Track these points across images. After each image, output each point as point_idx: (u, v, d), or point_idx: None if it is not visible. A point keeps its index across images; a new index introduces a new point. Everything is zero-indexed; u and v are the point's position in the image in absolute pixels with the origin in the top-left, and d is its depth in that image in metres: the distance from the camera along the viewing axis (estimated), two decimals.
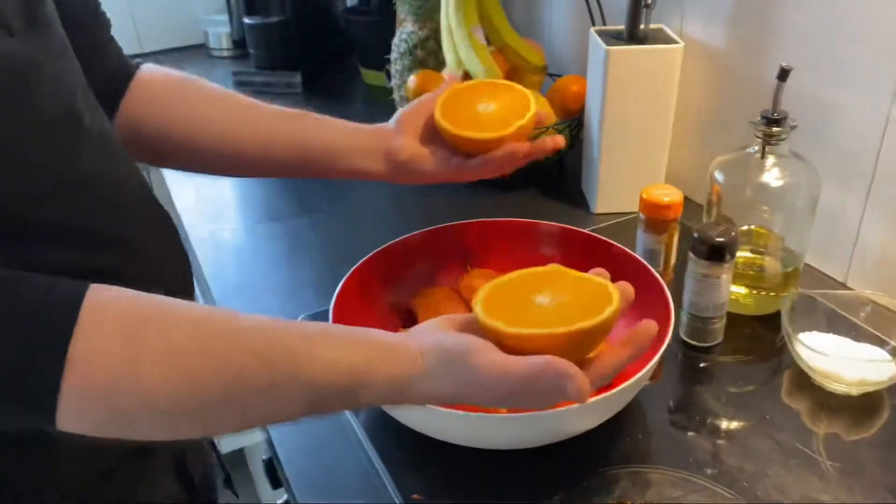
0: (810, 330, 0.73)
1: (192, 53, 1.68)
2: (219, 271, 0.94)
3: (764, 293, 0.80)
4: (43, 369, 0.40)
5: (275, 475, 0.74)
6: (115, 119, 0.68)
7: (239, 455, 1.75)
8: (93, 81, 0.57)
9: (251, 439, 1.65)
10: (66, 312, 0.41)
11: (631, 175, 0.98)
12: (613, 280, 0.76)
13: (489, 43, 1.11)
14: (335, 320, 0.67)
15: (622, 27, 0.95)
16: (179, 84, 0.73)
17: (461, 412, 0.58)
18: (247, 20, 1.46)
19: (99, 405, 0.42)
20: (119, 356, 0.41)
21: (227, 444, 1.72)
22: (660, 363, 0.73)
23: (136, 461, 0.60)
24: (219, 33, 1.65)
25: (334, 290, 0.71)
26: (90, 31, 0.66)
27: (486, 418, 0.58)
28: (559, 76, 1.18)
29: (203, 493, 0.72)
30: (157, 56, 1.69)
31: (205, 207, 1.08)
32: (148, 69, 0.73)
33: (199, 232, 1.02)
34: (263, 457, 0.77)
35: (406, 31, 1.21)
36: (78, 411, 0.41)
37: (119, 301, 0.43)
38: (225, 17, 1.64)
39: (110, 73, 0.69)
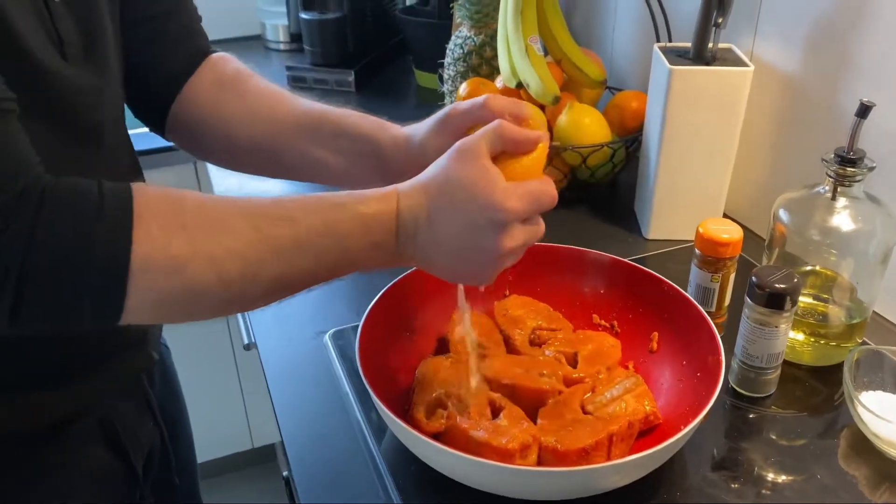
0: (875, 389, 0.68)
1: (248, 45, 1.67)
2: None
3: (824, 343, 0.74)
4: (113, 248, 0.45)
5: (293, 494, 0.72)
6: (179, 98, 0.71)
7: (269, 450, 1.75)
8: (175, 52, 0.69)
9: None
10: (121, 200, 0.46)
11: (688, 202, 0.93)
12: (663, 319, 0.72)
13: (547, 54, 1.07)
14: (363, 342, 0.64)
15: (689, 45, 0.90)
16: (232, 79, 0.73)
17: (493, 463, 0.54)
18: (303, 15, 1.44)
19: (166, 277, 0.47)
20: (173, 230, 0.47)
21: (258, 439, 1.72)
22: (706, 413, 0.68)
23: (48, 429, 0.63)
24: (276, 26, 1.64)
25: (367, 305, 0.68)
26: (182, 11, 0.71)
27: (521, 471, 0.55)
28: (619, 90, 1.13)
29: (154, 473, 0.75)
30: (213, 45, 1.69)
31: None
32: (218, 57, 0.74)
33: None
34: (283, 473, 0.75)
35: (462, 35, 1.17)
36: (147, 287, 0.46)
37: (156, 190, 0.49)
38: (283, 10, 1.62)
39: (190, 54, 0.72)
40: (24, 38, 0.49)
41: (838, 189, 0.69)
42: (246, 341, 0.99)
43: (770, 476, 0.64)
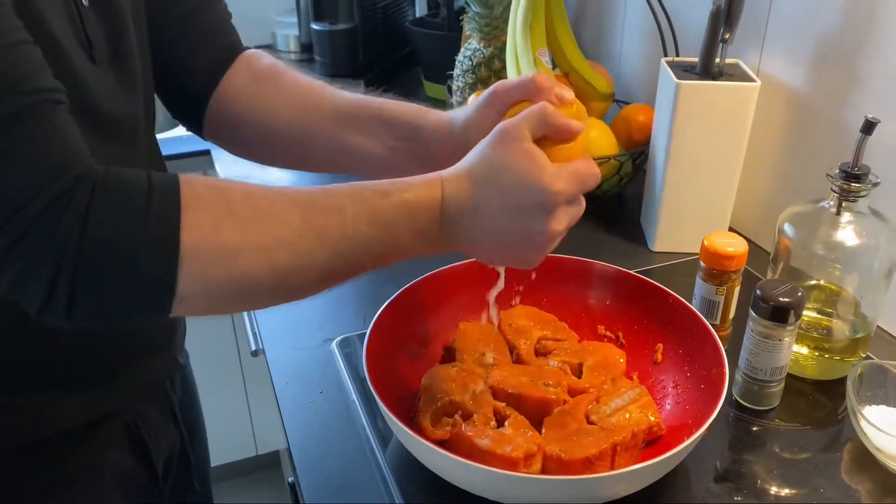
0: (878, 404, 0.68)
1: None
2: None
3: (828, 357, 0.74)
4: (163, 235, 0.45)
5: (298, 500, 0.72)
6: (215, 95, 0.72)
7: (274, 456, 1.75)
8: (207, 50, 0.71)
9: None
10: (169, 189, 0.46)
11: (694, 215, 0.93)
12: (667, 331, 0.73)
13: (555, 66, 1.08)
14: (370, 349, 0.65)
15: (696, 59, 0.91)
16: (268, 73, 0.73)
17: (498, 470, 0.55)
18: (314, 26, 1.46)
19: (217, 266, 0.47)
20: (221, 217, 0.47)
21: (262, 446, 1.73)
22: (709, 425, 0.69)
23: (77, 431, 0.63)
24: (287, 36, 1.66)
25: (374, 313, 0.69)
26: (211, 6, 0.73)
27: (525, 479, 0.56)
28: (626, 103, 1.14)
29: (173, 479, 0.76)
30: None
31: None
32: (251, 53, 0.75)
33: None
34: (289, 479, 0.75)
35: (471, 47, 1.18)
36: (199, 274, 0.46)
37: (204, 180, 0.49)
38: (294, 20, 1.64)
39: (223, 49, 0.73)
40: (60, 41, 0.50)
41: (843, 204, 0.70)
42: (253, 347, 0.99)
43: (773, 489, 0.64)
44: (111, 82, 0.57)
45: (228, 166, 1.22)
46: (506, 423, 0.63)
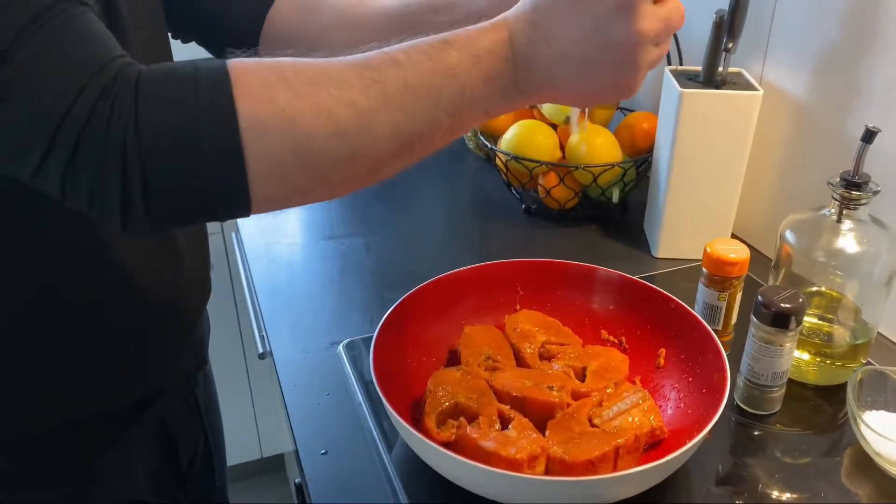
0: (878, 409, 0.69)
1: None
2: (270, 285, 0.94)
3: (829, 363, 0.75)
4: (218, 110, 0.43)
5: (304, 501, 0.73)
6: (263, 33, 0.72)
7: (278, 459, 1.76)
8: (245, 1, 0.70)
9: (290, 446, 1.66)
10: (215, 66, 0.44)
11: (697, 222, 0.94)
12: (670, 336, 0.74)
13: None
14: (377, 352, 0.66)
15: (699, 68, 0.92)
16: (306, 3, 0.73)
17: (502, 471, 0.56)
18: None
19: (281, 135, 0.44)
20: (276, 88, 0.45)
21: (267, 449, 1.74)
22: (711, 429, 0.69)
23: (113, 421, 0.64)
24: None
25: (380, 317, 0.70)
26: None
27: (529, 480, 0.57)
28: (631, 111, 1.15)
29: (195, 476, 0.76)
30: None
31: (264, 220, 1.09)
32: None
33: (256, 244, 1.02)
34: (296, 480, 0.76)
35: None
36: (262, 147, 0.44)
37: (250, 59, 0.47)
38: None
39: None
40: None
41: (844, 212, 0.71)
42: (261, 350, 1.01)
43: (774, 493, 0.65)
44: (136, 47, 0.56)
45: None
46: (510, 426, 0.64)
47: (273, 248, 1.02)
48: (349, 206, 1.12)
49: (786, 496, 0.64)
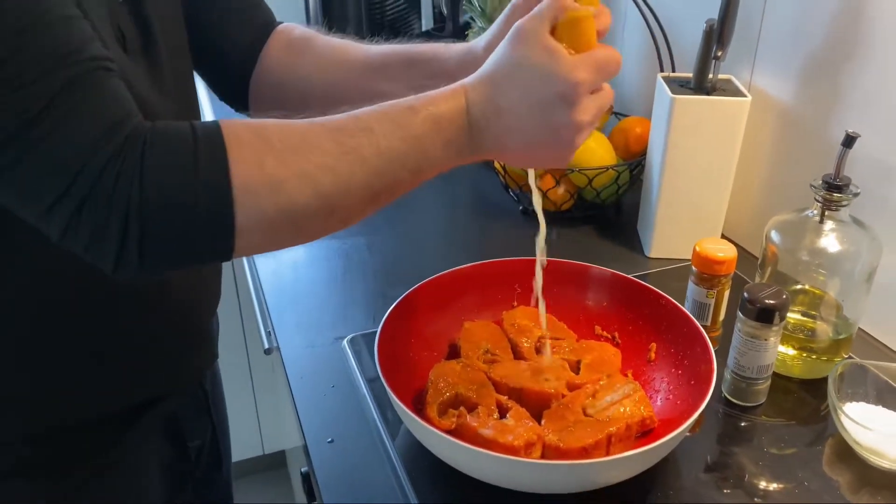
0: (857, 401, 0.72)
1: None
2: (275, 283, 0.97)
3: (813, 357, 0.78)
4: (214, 173, 0.48)
5: (310, 488, 0.76)
6: (256, 69, 0.77)
7: (280, 456, 1.79)
8: (244, 29, 0.76)
9: (293, 442, 1.69)
10: (213, 134, 0.50)
11: (688, 223, 0.98)
12: (660, 331, 0.77)
13: None
14: (381, 346, 0.69)
15: (690, 75, 0.95)
16: (301, 40, 0.79)
17: (500, 455, 0.59)
18: None
19: (269, 198, 0.50)
20: (266, 156, 0.50)
21: (269, 445, 1.77)
22: (700, 420, 0.73)
23: (127, 414, 0.68)
24: None
25: (383, 313, 0.73)
26: None
27: (526, 464, 0.60)
28: (625, 116, 1.18)
29: (203, 467, 0.80)
30: None
31: None
32: (284, 26, 0.80)
33: None
34: (302, 469, 0.79)
35: None
36: (251, 208, 0.49)
37: (241, 122, 0.52)
38: None
39: (259, 26, 0.79)
40: (99, 29, 0.53)
41: (826, 213, 0.74)
42: (266, 346, 1.04)
43: (758, 480, 0.68)
44: (141, 73, 0.60)
45: None
46: (507, 415, 0.68)
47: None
48: None
49: (770, 483, 0.68)
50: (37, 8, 0.46)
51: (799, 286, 0.79)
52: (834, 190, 0.73)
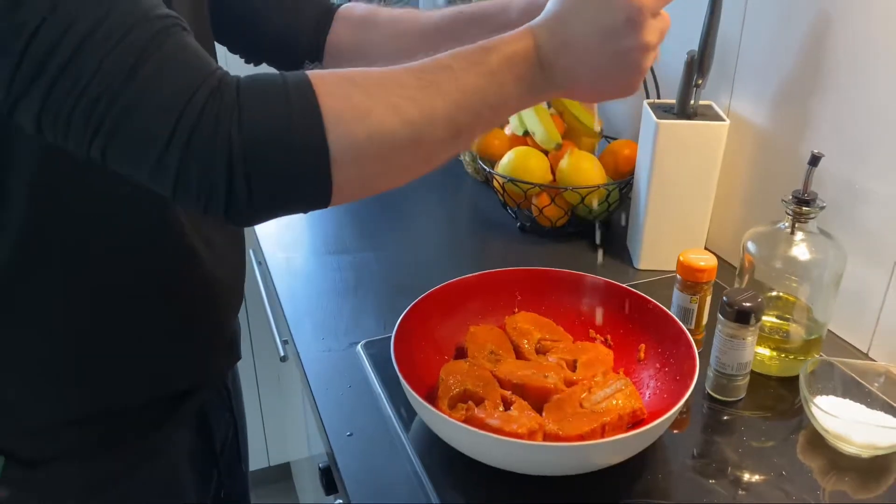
0: (827, 394, 0.80)
1: None
2: (291, 294, 1.04)
3: (789, 356, 0.86)
4: (305, 103, 0.51)
5: (329, 481, 0.83)
6: (325, 54, 0.83)
7: (286, 468, 1.84)
8: (305, 18, 0.82)
9: (298, 454, 1.74)
10: (300, 76, 0.53)
11: (673, 237, 1.06)
12: (648, 333, 0.84)
13: (549, 106, 1.21)
14: (397, 350, 0.76)
15: (674, 101, 1.04)
16: (363, 18, 0.84)
17: (506, 438, 0.66)
18: None
19: (360, 127, 0.53)
20: (352, 90, 0.53)
21: (274, 457, 1.82)
22: (687, 415, 0.81)
23: (163, 404, 0.74)
24: None
25: (394, 320, 0.81)
26: None
27: (530, 446, 0.67)
28: (614, 139, 1.27)
29: (226, 460, 0.86)
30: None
31: (283, 236, 1.19)
32: (345, 6, 0.86)
33: (277, 258, 1.13)
34: (320, 465, 0.86)
35: None
36: (344, 138, 0.52)
37: (324, 70, 0.55)
38: None
39: (319, 12, 0.84)
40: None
41: (796, 225, 0.82)
42: (282, 354, 1.11)
43: (739, 466, 0.75)
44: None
45: None
46: (511, 407, 0.75)
47: (293, 262, 1.13)
48: (360, 225, 1.23)
49: (750, 469, 0.75)
50: None
51: (774, 293, 0.87)
52: (802, 204, 0.81)
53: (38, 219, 0.62)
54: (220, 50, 0.82)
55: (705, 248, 1.07)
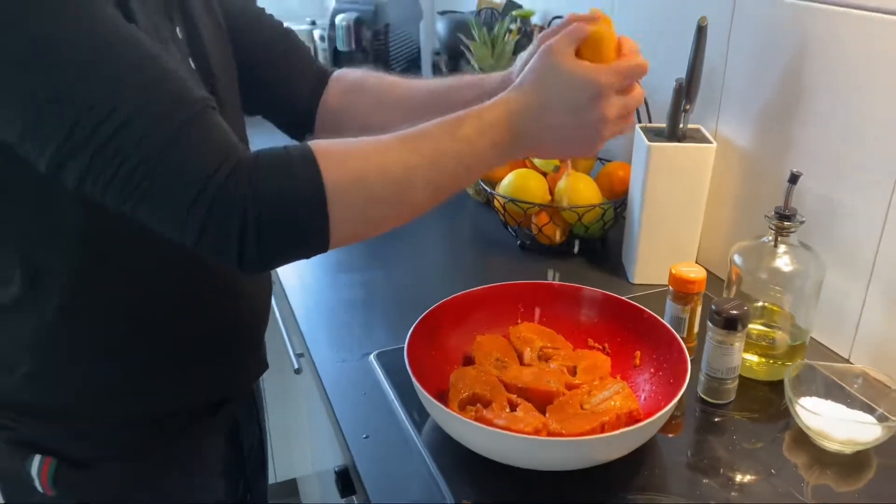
0: (810, 395, 0.85)
1: None
2: (306, 310, 1.10)
3: (775, 362, 0.92)
4: (310, 176, 0.60)
5: (346, 483, 0.88)
6: (317, 115, 0.91)
7: (291, 484, 1.88)
8: (303, 81, 0.90)
9: (303, 471, 1.78)
10: (303, 147, 0.62)
11: (665, 252, 1.12)
12: (643, 340, 0.90)
13: None
14: (410, 357, 0.82)
15: (664, 125, 1.11)
16: (355, 82, 0.93)
17: (513, 434, 0.72)
18: None
19: (354, 190, 0.62)
20: (348, 158, 0.63)
21: (280, 473, 1.86)
22: (681, 417, 0.86)
23: (202, 411, 0.81)
24: None
25: (403, 332, 0.86)
26: (297, 50, 0.92)
27: (536, 440, 0.72)
28: (609, 161, 1.34)
29: (251, 467, 0.92)
30: None
31: None
32: (339, 72, 0.94)
33: (291, 278, 1.19)
34: (336, 468, 0.91)
35: None
36: (341, 201, 0.61)
37: (324, 140, 0.64)
38: None
39: (315, 77, 0.92)
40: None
41: (778, 238, 0.89)
42: (296, 366, 1.16)
43: (729, 463, 0.81)
44: (227, 101, 0.74)
45: None
46: (517, 409, 0.80)
47: (306, 281, 1.18)
48: (368, 245, 1.29)
49: (739, 466, 0.80)
50: (155, 64, 0.59)
51: (760, 303, 0.93)
52: (784, 219, 0.87)
53: (92, 232, 0.69)
54: None
55: (696, 262, 1.13)
